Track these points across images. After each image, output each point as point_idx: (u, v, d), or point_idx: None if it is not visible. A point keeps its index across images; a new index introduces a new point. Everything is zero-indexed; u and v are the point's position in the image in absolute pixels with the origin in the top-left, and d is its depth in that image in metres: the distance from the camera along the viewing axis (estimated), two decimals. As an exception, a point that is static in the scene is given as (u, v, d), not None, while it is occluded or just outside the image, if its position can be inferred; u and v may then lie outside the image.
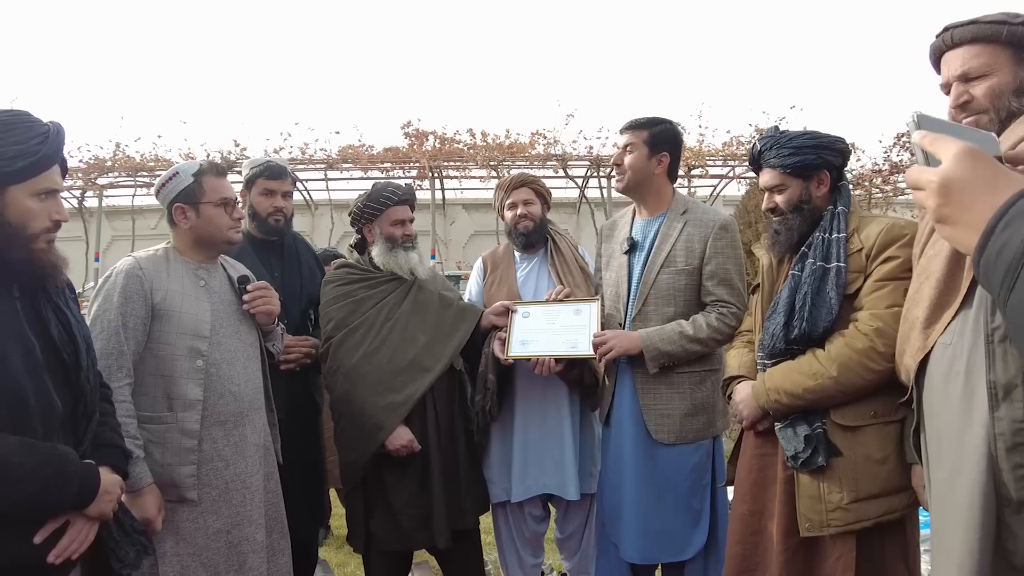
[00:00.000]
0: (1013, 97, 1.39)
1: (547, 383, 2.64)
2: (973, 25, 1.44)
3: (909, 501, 1.73)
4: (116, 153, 11.37)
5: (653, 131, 2.45)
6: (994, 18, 1.42)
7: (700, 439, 2.39)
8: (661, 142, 2.45)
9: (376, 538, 2.50)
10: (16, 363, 1.39)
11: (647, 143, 2.44)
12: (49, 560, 1.41)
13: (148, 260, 2.03)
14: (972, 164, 0.74)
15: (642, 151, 2.44)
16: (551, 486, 2.67)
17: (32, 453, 1.37)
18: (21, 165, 1.42)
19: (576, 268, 2.81)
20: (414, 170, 11.58)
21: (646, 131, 2.45)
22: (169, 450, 1.93)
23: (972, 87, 1.45)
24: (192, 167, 2.13)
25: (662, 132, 2.47)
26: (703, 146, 11.55)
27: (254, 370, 2.15)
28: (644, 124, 2.47)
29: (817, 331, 1.80)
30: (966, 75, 1.45)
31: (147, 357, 1.95)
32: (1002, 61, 1.41)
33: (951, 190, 0.74)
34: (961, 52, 1.47)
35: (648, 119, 2.49)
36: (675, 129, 2.53)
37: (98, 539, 1.51)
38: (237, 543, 2.00)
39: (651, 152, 2.44)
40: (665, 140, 2.47)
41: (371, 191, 2.66)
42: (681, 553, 2.38)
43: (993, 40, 1.42)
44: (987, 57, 1.42)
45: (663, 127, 2.48)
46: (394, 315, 2.57)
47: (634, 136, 2.46)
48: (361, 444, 2.43)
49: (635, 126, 2.48)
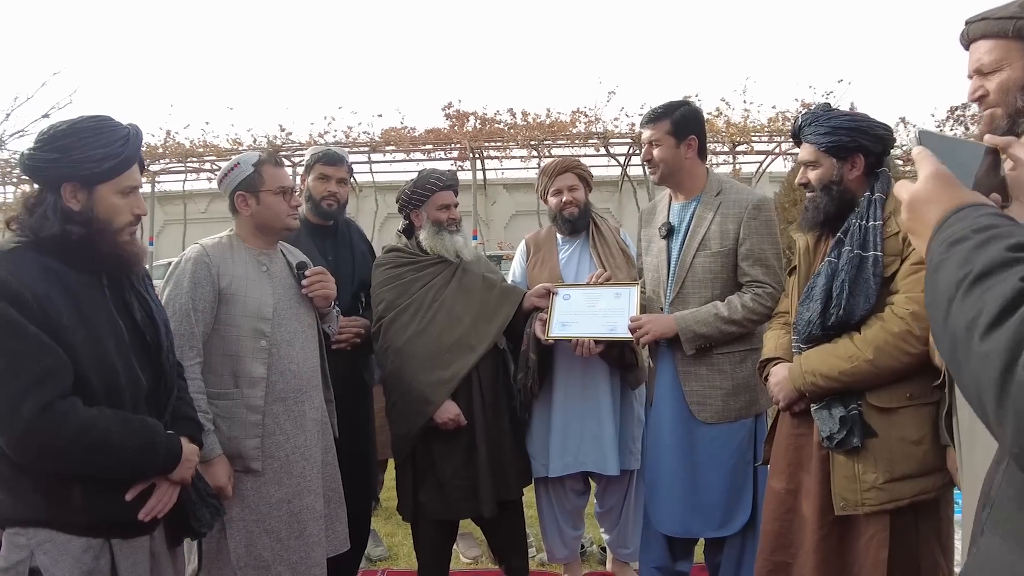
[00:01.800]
0: (1020, 94, 1.38)
1: (587, 362, 2.71)
2: (983, 21, 1.43)
3: (944, 482, 1.76)
4: (167, 140, 11.71)
5: (674, 118, 2.44)
6: (1005, 13, 1.40)
7: (743, 417, 2.42)
8: (685, 127, 2.45)
9: (424, 508, 2.62)
10: (108, 344, 1.55)
11: (672, 132, 2.44)
12: (139, 517, 1.58)
13: (214, 247, 2.16)
14: (934, 185, 0.82)
15: (669, 141, 2.44)
16: (589, 463, 2.75)
17: (127, 424, 1.53)
18: (108, 166, 1.55)
19: (618, 251, 2.87)
20: (455, 151, 11.65)
21: (668, 120, 2.45)
22: (235, 424, 2.07)
23: (987, 81, 1.45)
24: (252, 157, 2.25)
25: (683, 117, 2.46)
26: (748, 122, 11.33)
27: (312, 350, 2.28)
28: (663, 113, 2.46)
29: (854, 319, 1.82)
30: (981, 70, 1.45)
31: (215, 338, 2.09)
32: (1013, 56, 1.40)
33: (914, 207, 0.84)
34: (977, 47, 1.46)
35: (665, 107, 2.48)
36: (695, 109, 2.54)
37: (178, 502, 1.67)
38: (298, 512, 2.13)
39: (678, 140, 2.44)
40: (689, 123, 2.46)
41: (417, 178, 2.75)
42: (724, 528, 2.42)
43: (1004, 35, 1.40)
44: (999, 52, 1.41)
45: (683, 111, 2.47)
46: (441, 296, 2.68)
47: (657, 129, 2.46)
48: (411, 418, 2.56)
49: (655, 118, 2.47)
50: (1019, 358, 0.56)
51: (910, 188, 0.86)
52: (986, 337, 0.59)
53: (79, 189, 1.55)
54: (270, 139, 11.41)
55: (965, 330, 0.63)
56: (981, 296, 0.63)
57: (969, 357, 0.62)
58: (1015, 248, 0.65)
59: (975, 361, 0.60)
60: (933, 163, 0.85)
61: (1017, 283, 0.60)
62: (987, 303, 0.61)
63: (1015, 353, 0.56)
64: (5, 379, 1.41)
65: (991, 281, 0.63)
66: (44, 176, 1.55)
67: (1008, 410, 0.56)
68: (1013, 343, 0.57)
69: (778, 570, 1.99)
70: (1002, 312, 0.59)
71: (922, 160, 0.86)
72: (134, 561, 1.59)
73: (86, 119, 1.58)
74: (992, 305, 0.60)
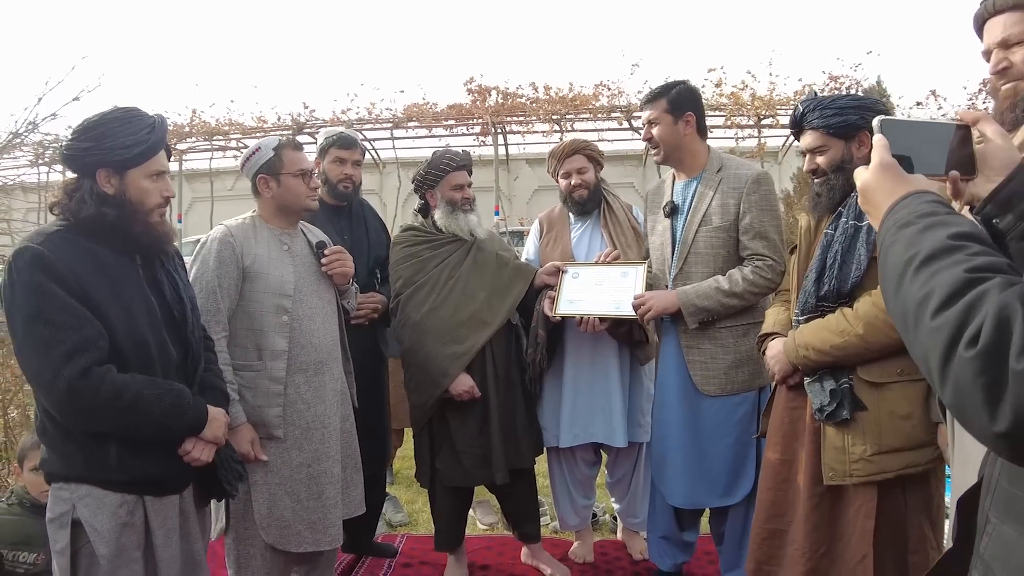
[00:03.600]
0: None
1: (596, 338, 2.78)
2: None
3: (932, 457, 1.79)
4: (193, 119, 11.84)
5: (670, 96, 2.50)
6: None
7: (746, 390, 2.47)
8: (681, 104, 2.50)
9: (441, 475, 2.75)
10: (142, 319, 1.69)
11: (668, 111, 2.49)
12: (181, 453, 1.74)
13: (238, 228, 2.27)
14: (881, 174, 0.93)
15: (666, 120, 2.50)
16: (599, 435, 2.83)
17: (156, 387, 1.67)
18: (137, 151, 1.69)
19: (628, 229, 2.91)
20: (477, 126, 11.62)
21: (664, 99, 2.50)
22: (259, 394, 2.19)
23: (1012, 53, 1.45)
24: (272, 142, 2.35)
25: (679, 95, 2.51)
26: (774, 95, 11.12)
27: (331, 324, 2.39)
28: (660, 93, 2.52)
29: (846, 287, 1.85)
30: (1006, 41, 1.45)
31: (239, 314, 2.21)
32: None
33: (866, 194, 0.95)
34: (1003, 19, 1.46)
35: (661, 87, 2.54)
36: (691, 87, 2.58)
37: (206, 466, 1.80)
38: (317, 475, 2.25)
39: (675, 118, 2.50)
40: (684, 100, 2.51)
41: (431, 159, 2.83)
42: (728, 498, 2.50)
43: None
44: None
45: (678, 89, 2.52)
46: (456, 274, 2.77)
47: (654, 109, 2.52)
48: (427, 389, 2.67)
49: (652, 98, 2.53)
50: (963, 334, 0.69)
51: (863, 177, 0.96)
52: (936, 316, 0.73)
53: (112, 174, 1.69)
54: (294, 116, 11.50)
55: (917, 306, 0.76)
56: (930, 278, 0.76)
57: (920, 329, 0.75)
58: (954, 237, 0.78)
59: (926, 334, 0.74)
60: (881, 153, 0.94)
61: (962, 273, 0.73)
62: (936, 287, 0.74)
63: (959, 330, 0.70)
64: (48, 347, 1.55)
65: (937, 265, 0.76)
66: (80, 164, 1.69)
67: (949, 376, 0.70)
68: (959, 321, 0.70)
69: (773, 537, 2.06)
70: (949, 297, 0.72)
71: (875, 150, 0.95)
72: (165, 517, 1.74)
73: (116, 111, 1.71)
74: (940, 290, 0.73)
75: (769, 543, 2.07)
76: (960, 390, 0.69)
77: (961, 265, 0.74)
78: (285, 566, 2.30)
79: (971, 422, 0.69)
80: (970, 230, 0.80)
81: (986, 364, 0.66)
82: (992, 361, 0.66)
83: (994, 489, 0.86)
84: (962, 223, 0.81)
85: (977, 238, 0.79)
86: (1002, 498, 0.84)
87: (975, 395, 0.67)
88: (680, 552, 2.72)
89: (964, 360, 0.68)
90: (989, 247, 0.78)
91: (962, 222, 0.81)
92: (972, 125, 0.99)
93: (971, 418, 0.69)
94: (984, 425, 0.67)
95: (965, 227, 0.80)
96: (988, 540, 0.85)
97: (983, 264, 0.73)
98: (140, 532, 1.69)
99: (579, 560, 3.03)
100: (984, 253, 0.76)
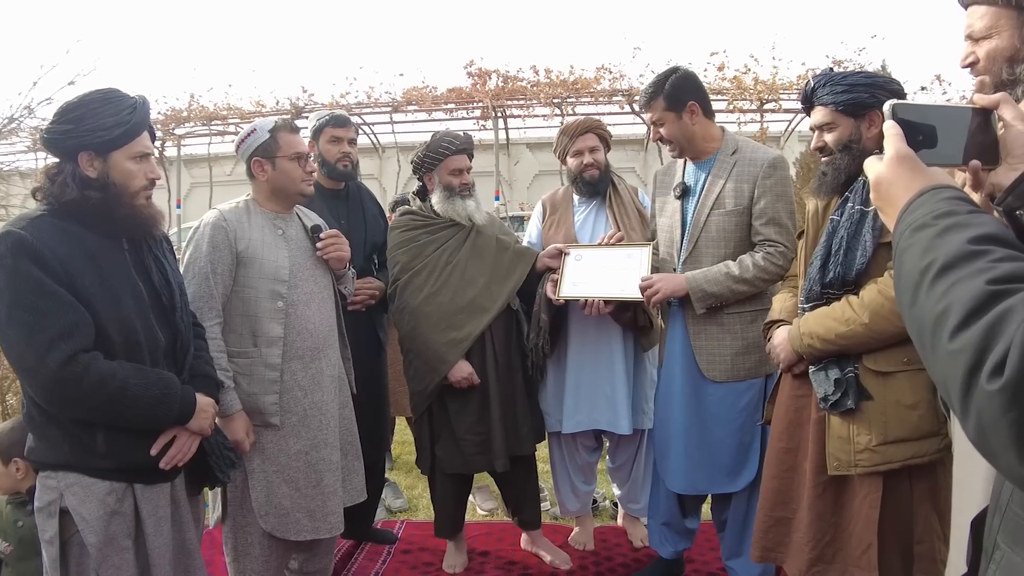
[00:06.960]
0: (1007, 65, 1.35)
1: (600, 323, 2.75)
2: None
3: (939, 447, 1.75)
4: (191, 104, 11.74)
5: (666, 93, 2.41)
6: None
7: (752, 377, 2.43)
8: (680, 96, 2.41)
9: (441, 461, 2.73)
10: (128, 304, 1.65)
11: (669, 108, 2.41)
12: (160, 465, 1.70)
13: (232, 212, 2.23)
14: (897, 166, 0.84)
15: (669, 117, 2.42)
16: (602, 421, 2.80)
17: (143, 376, 1.64)
18: (119, 132, 1.64)
19: (634, 212, 2.86)
20: (477, 110, 11.52)
21: (660, 98, 2.42)
22: (255, 381, 2.16)
23: (978, 47, 1.41)
24: (268, 124, 2.29)
25: (674, 88, 2.41)
26: (777, 79, 11.02)
27: (328, 310, 2.35)
28: (654, 92, 2.43)
29: (851, 274, 1.81)
30: (972, 35, 1.42)
31: (234, 299, 2.17)
32: (1003, 24, 1.36)
33: (880, 189, 0.86)
34: (972, 11, 1.42)
35: (654, 85, 2.44)
36: (684, 74, 2.46)
37: (198, 453, 1.78)
38: (315, 463, 2.22)
39: (677, 113, 2.42)
40: (682, 91, 2.42)
41: (430, 141, 2.77)
42: (731, 485, 2.47)
43: (995, 2, 1.36)
44: (990, 19, 1.37)
45: (671, 81, 2.42)
46: (454, 259, 2.73)
47: (654, 110, 2.44)
48: (426, 376, 2.65)
49: (648, 100, 2.45)
50: (984, 362, 0.61)
51: (876, 169, 0.87)
52: (955, 337, 0.65)
53: (95, 157, 1.65)
54: (292, 100, 11.41)
55: (933, 323, 0.68)
56: (947, 291, 0.68)
57: (937, 351, 0.67)
58: (975, 241, 0.70)
59: (944, 357, 0.66)
60: (896, 143, 0.86)
61: (983, 286, 0.65)
62: (954, 302, 0.66)
63: (981, 356, 0.62)
64: (32, 333, 1.52)
65: (955, 275, 0.68)
66: (62, 147, 1.64)
67: (971, 408, 0.62)
68: (980, 345, 0.62)
69: (777, 525, 2.03)
70: (969, 315, 0.64)
71: (889, 139, 0.87)
72: (155, 505, 1.71)
73: (95, 92, 1.67)
74: (959, 306, 0.65)
75: (775, 530, 2.04)
76: (984, 425, 0.61)
77: (983, 275, 0.65)
78: (284, 553, 2.28)
79: (998, 460, 0.62)
80: (993, 231, 0.71)
81: (1015, 399, 0.58)
82: (1021, 396, 0.58)
83: (1004, 512, 0.80)
84: (985, 223, 0.72)
85: (1001, 240, 0.70)
86: (1012, 523, 0.78)
87: (1001, 432, 0.60)
88: (681, 539, 2.70)
89: (988, 393, 0.60)
90: (1015, 249, 0.69)
91: (985, 222, 0.73)
92: (992, 109, 0.91)
93: (998, 456, 0.62)
94: (1013, 465, 0.60)
95: (988, 228, 0.71)
96: (996, 569, 0.79)
97: (1007, 273, 0.65)
98: (130, 520, 1.67)
99: (579, 546, 3.02)
100: (1009, 258, 0.67)
